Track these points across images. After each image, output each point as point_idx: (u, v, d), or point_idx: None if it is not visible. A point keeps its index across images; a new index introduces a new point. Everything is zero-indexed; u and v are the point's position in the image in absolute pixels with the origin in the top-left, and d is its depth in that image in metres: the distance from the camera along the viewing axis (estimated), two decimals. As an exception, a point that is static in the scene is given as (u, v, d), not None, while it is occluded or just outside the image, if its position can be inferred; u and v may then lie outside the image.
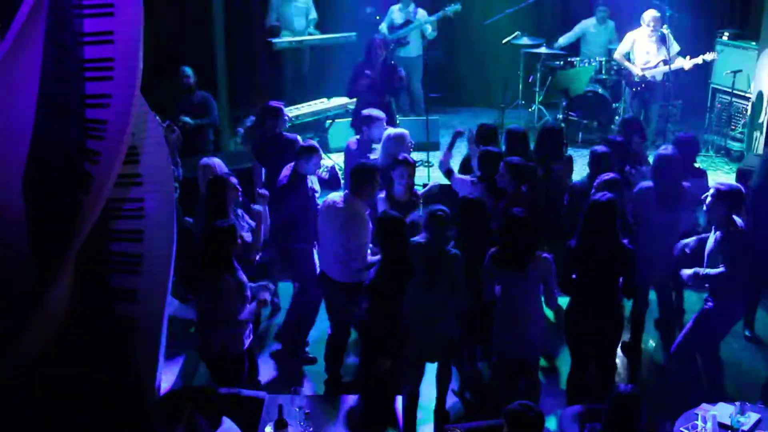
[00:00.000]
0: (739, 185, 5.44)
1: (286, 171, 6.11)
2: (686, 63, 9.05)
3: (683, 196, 5.85)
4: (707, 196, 5.30)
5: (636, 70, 9.12)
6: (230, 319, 4.94)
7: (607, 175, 5.75)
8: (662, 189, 5.83)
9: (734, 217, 5.28)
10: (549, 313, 6.52)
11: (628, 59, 9.42)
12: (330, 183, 6.65)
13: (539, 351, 5.43)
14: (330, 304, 5.88)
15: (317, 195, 6.22)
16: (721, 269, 5.23)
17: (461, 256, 5.20)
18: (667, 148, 6.03)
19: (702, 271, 5.32)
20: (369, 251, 5.65)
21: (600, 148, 6.31)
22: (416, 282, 5.07)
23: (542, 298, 5.21)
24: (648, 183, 5.97)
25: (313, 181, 6.18)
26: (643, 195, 5.93)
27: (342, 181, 6.89)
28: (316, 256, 6.12)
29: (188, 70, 7.86)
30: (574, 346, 5.43)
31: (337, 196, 5.70)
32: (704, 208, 5.34)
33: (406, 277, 4.98)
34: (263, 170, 7.02)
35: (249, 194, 6.02)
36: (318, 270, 5.99)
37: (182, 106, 7.80)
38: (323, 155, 6.50)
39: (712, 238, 5.36)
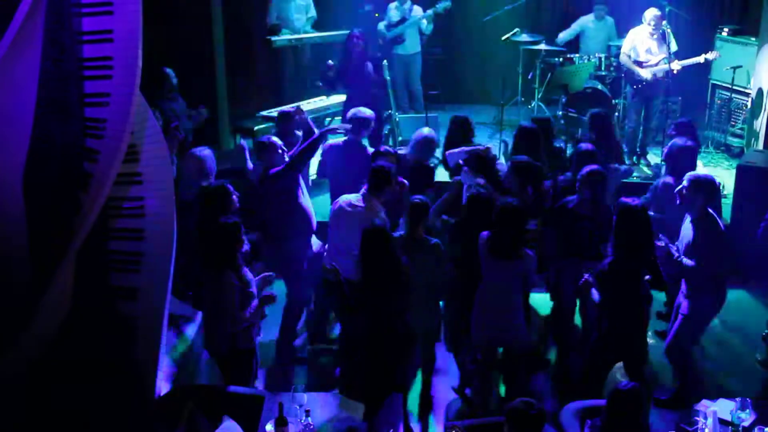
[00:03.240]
0: (712, 176, 5.45)
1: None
2: (675, 65, 8.88)
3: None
4: (682, 186, 5.31)
5: (644, 72, 8.99)
6: (235, 317, 4.91)
7: (591, 167, 5.69)
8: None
9: (710, 210, 5.29)
10: (544, 310, 6.53)
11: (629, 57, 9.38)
12: (307, 135, 6.46)
13: (522, 342, 5.32)
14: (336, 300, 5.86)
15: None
16: (693, 263, 5.22)
17: (440, 244, 5.26)
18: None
19: (676, 253, 5.28)
20: None
21: (585, 145, 6.27)
22: None
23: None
24: (667, 179, 6.02)
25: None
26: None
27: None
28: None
29: (172, 71, 7.76)
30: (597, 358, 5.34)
31: (353, 197, 5.72)
32: (678, 199, 5.36)
33: (390, 288, 4.89)
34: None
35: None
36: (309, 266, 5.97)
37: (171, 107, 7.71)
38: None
39: (687, 227, 5.36)
